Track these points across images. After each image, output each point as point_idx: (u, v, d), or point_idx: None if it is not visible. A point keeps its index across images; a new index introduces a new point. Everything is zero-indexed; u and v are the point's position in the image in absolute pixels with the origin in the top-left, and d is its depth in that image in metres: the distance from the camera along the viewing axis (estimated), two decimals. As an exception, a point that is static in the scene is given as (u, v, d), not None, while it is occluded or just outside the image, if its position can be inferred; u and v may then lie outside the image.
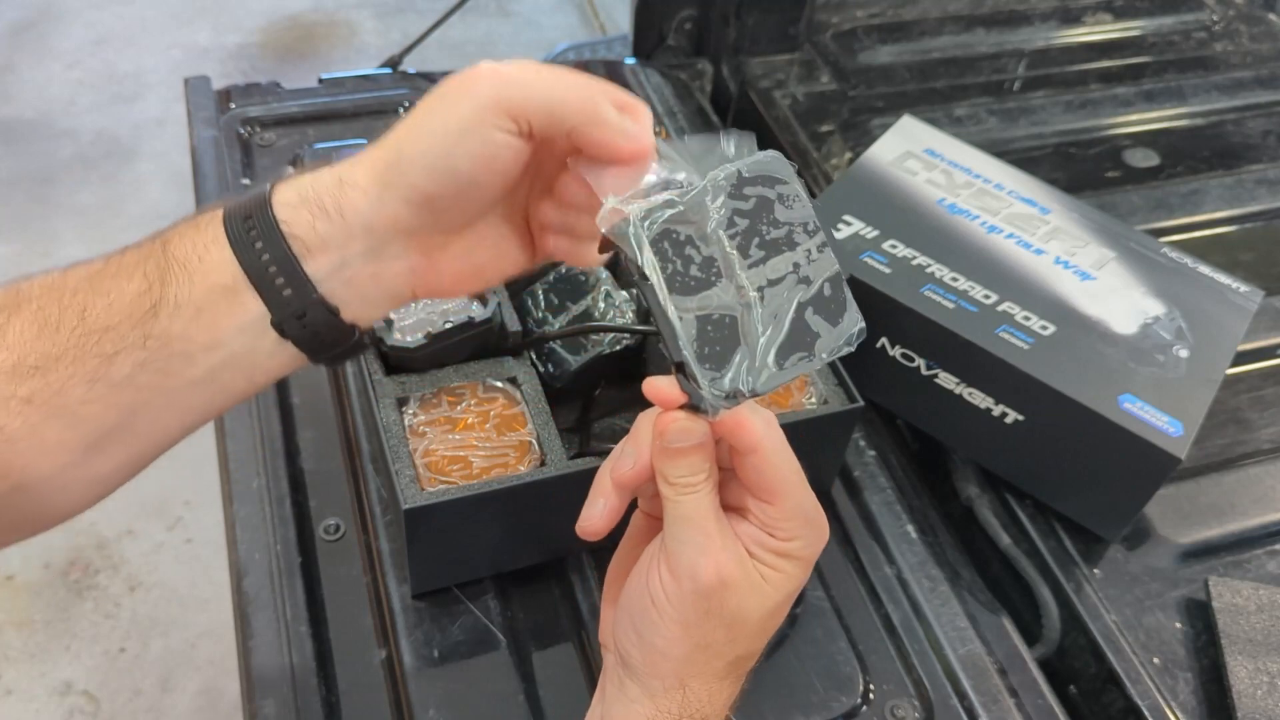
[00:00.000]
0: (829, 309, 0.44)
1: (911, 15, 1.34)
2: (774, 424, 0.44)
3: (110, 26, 2.77)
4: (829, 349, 0.43)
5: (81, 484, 0.46)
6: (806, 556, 0.45)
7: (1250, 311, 0.84)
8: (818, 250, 0.44)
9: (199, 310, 0.43)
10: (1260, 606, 0.73)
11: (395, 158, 0.44)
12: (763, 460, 0.43)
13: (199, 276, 0.43)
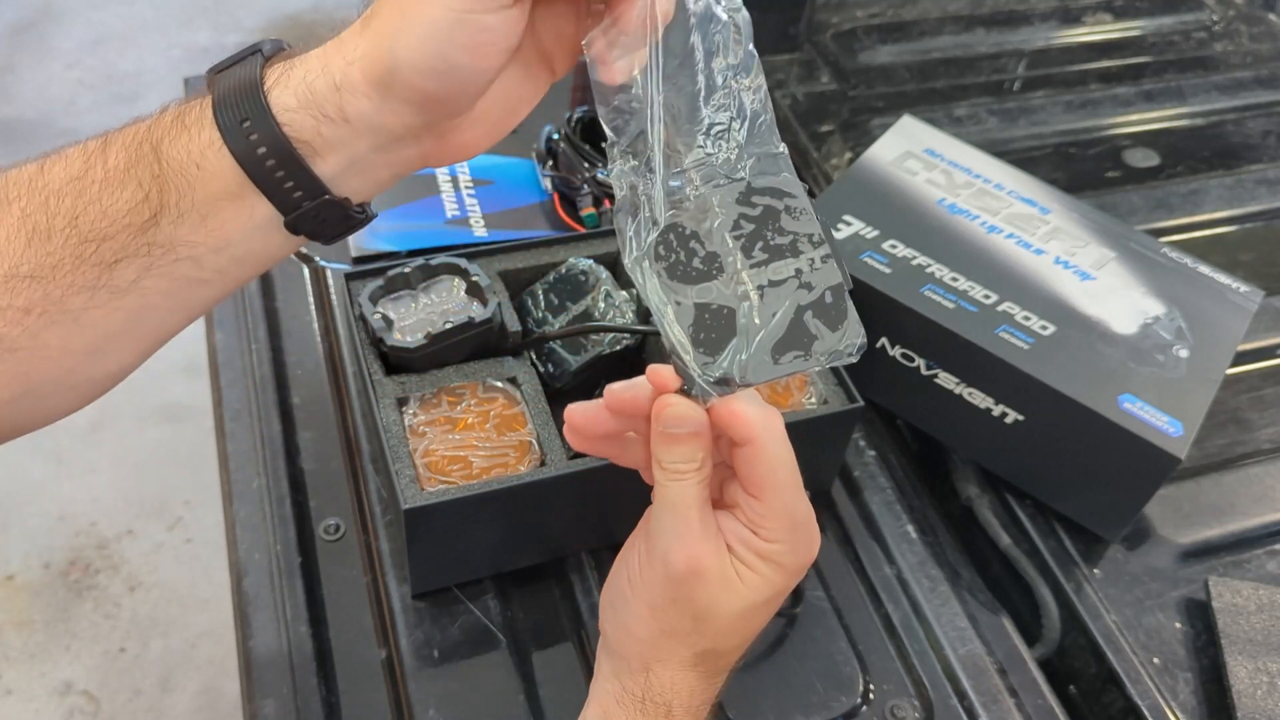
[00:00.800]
0: (829, 315, 0.44)
1: (911, 15, 1.34)
2: (775, 420, 0.44)
3: (110, 26, 2.77)
4: (826, 353, 0.44)
5: (88, 383, 0.45)
6: (788, 564, 0.44)
7: (1250, 311, 0.84)
8: (821, 260, 0.44)
9: (204, 217, 0.42)
10: (1260, 606, 0.73)
11: (391, 63, 0.41)
12: (755, 453, 0.43)
13: (200, 185, 0.42)
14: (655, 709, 0.45)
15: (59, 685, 1.59)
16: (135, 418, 1.90)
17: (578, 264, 0.78)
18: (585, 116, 0.98)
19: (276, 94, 0.42)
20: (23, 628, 1.65)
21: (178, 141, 0.42)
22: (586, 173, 0.93)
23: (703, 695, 0.46)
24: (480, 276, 0.74)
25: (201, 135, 0.42)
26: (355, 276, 0.76)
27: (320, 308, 0.89)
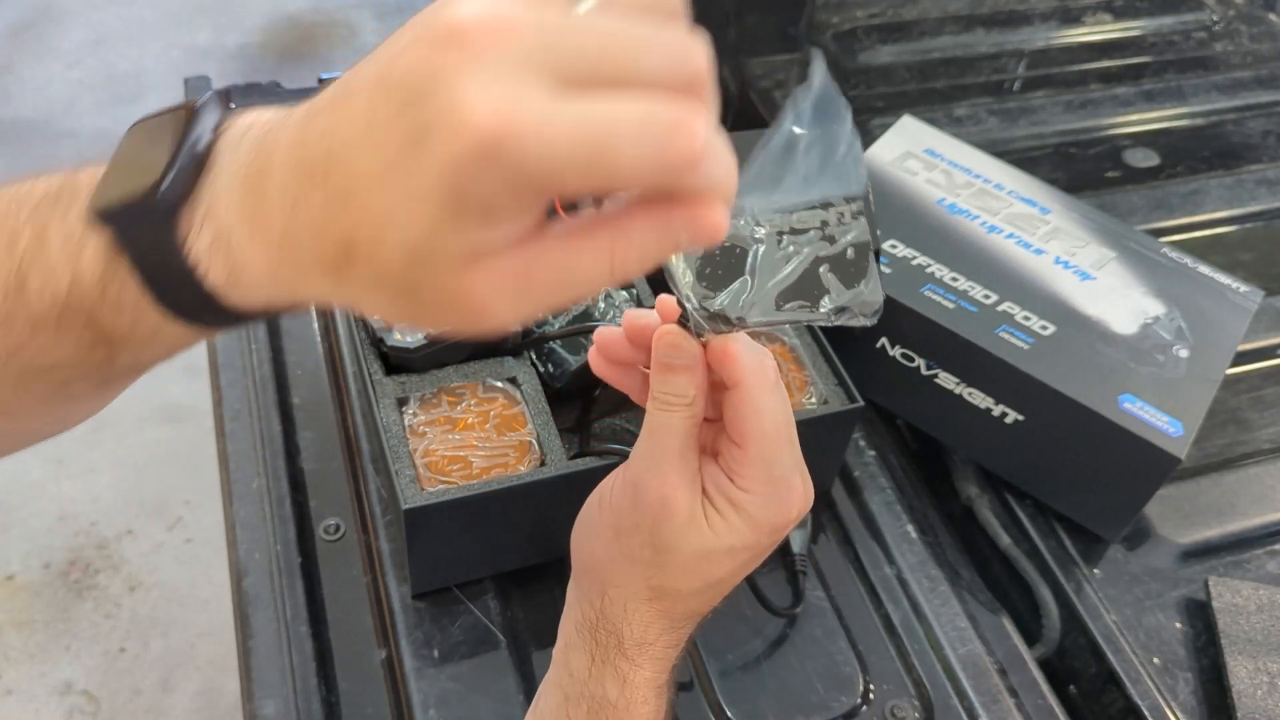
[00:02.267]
0: (847, 272, 0.42)
1: (911, 15, 1.34)
2: (767, 371, 0.43)
3: (110, 27, 2.77)
4: (834, 308, 0.42)
5: None
6: (759, 518, 0.43)
7: (1250, 311, 0.84)
8: (851, 216, 0.43)
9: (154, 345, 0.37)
10: (1260, 606, 0.73)
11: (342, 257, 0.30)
12: (740, 398, 0.42)
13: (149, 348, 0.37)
14: (606, 637, 0.45)
15: (59, 685, 1.59)
16: (135, 418, 1.90)
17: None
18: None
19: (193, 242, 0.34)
20: (23, 628, 1.65)
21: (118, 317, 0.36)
22: (586, 173, 0.92)
23: (657, 634, 0.45)
24: (480, 276, 0.74)
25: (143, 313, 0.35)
26: (355, 276, 0.76)
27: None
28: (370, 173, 0.28)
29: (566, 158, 0.27)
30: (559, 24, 0.28)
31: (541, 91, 0.27)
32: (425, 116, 0.27)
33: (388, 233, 0.28)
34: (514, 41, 0.27)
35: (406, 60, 0.28)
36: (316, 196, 0.29)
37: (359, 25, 2.81)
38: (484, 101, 0.26)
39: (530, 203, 0.29)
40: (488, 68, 0.27)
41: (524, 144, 0.26)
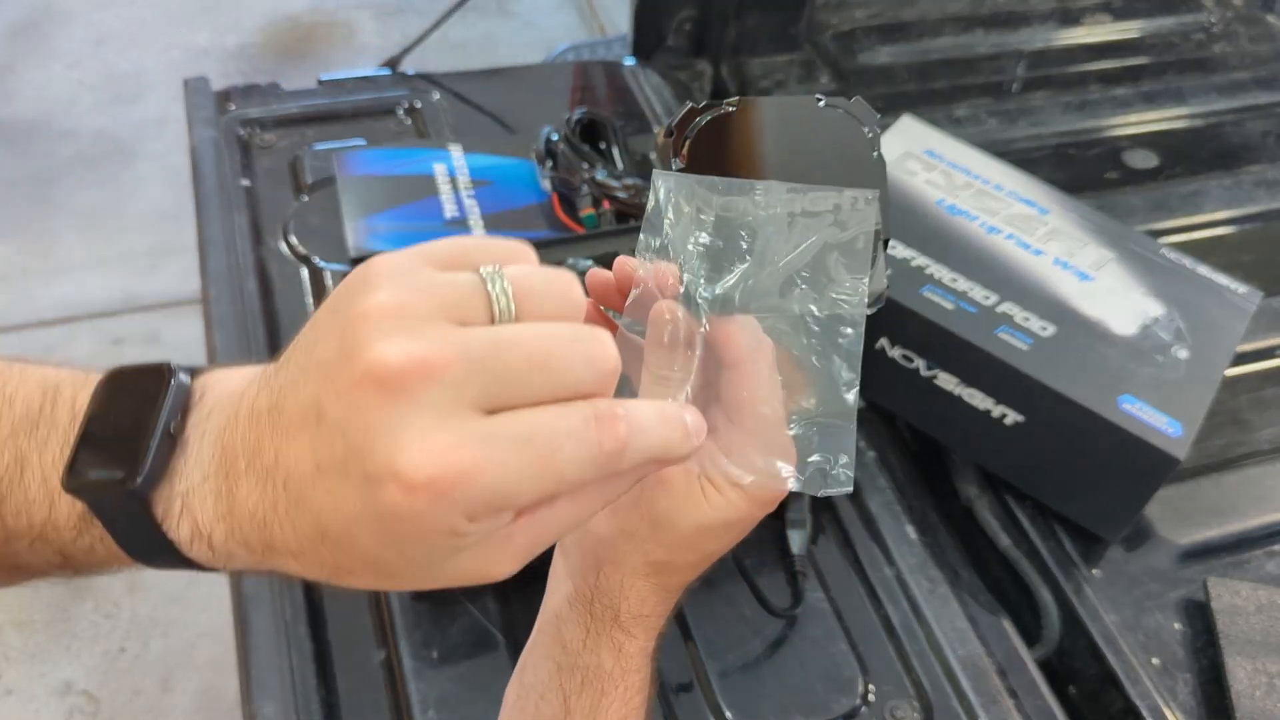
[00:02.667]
0: (855, 260, 0.41)
1: (911, 15, 1.34)
2: (765, 350, 0.43)
3: (110, 27, 2.77)
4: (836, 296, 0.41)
5: None
6: (753, 493, 0.43)
7: (1249, 312, 0.84)
8: (865, 203, 0.42)
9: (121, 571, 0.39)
10: (1259, 607, 0.73)
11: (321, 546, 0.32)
12: (738, 378, 0.42)
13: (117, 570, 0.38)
14: (603, 611, 0.45)
15: (59, 685, 1.59)
16: (135, 418, 1.90)
17: (577, 264, 0.78)
18: (585, 117, 0.98)
19: (172, 530, 0.35)
20: (23, 628, 1.65)
21: (90, 557, 0.37)
22: (586, 173, 0.93)
23: (652, 606, 0.46)
24: (480, 277, 0.74)
25: (115, 558, 0.37)
26: (355, 277, 0.76)
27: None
28: (336, 513, 0.31)
29: (515, 481, 0.30)
30: (482, 349, 0.31)
31: (476, 423, 0.30)
32: (373, 469, 0.30)
33: (364, 563, 0.32)
34: (442, 377, 0.30)
35: (341, 405, 0.30)
36: (285, 512, 0.32)
37: (359, 25, 2.81)
38: (423, 454, 0.29)
39: (496, 516, 0.32)
40: (421, 412, 0.30)
41: (470, 481, 0.30)
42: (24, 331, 2.02)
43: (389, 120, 1.10)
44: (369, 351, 0.30)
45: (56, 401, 0.37)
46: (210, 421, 0.35)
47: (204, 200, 0.99)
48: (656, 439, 0.34)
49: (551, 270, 0.35)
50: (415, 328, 0.31)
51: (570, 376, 0.32)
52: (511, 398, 0.31)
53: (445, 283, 0.33)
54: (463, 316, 0.32)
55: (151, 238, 2.21)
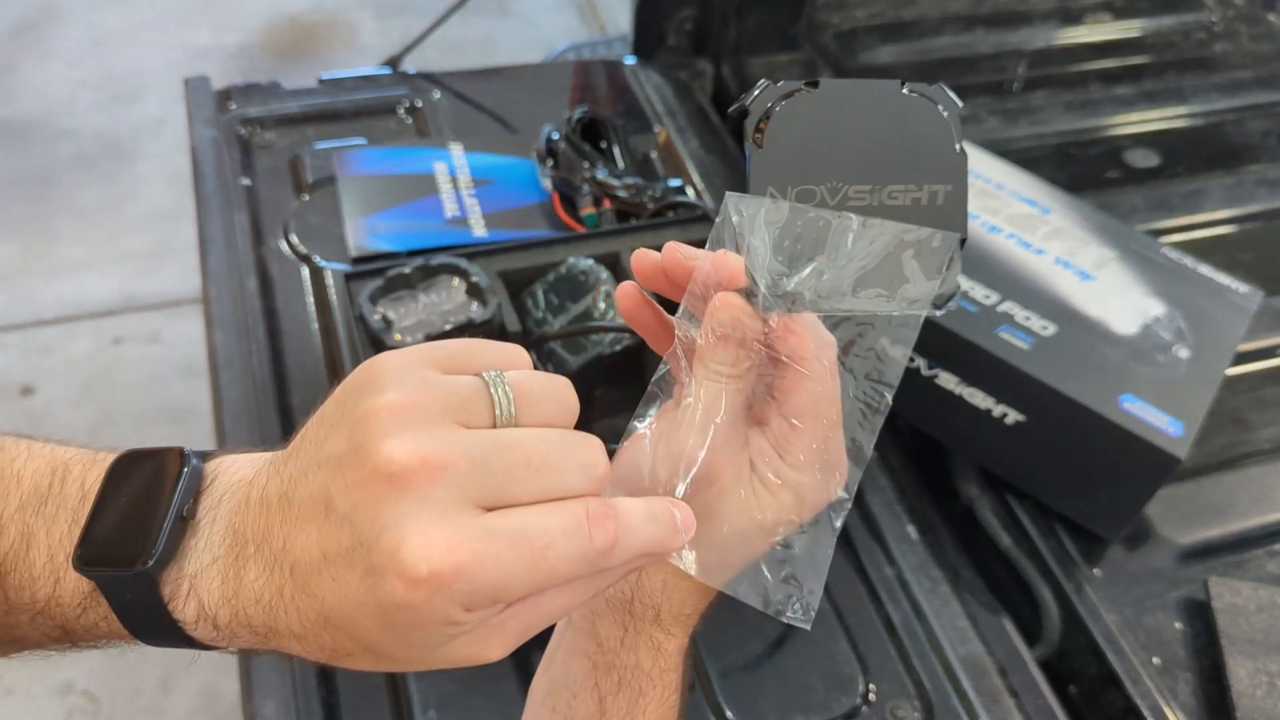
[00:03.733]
0: (930, 261, 0.39)
1: (911, 15, 1.34)
2: (829, 352, 0.42)
3: (110, 26, 2.77)
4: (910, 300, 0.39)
5: None
6: (805, 495, 0.42)
7: (1250, 312, 0.83)
8: (944, 198, 0.40)
9: None
10: (1260, 606, 0.73)
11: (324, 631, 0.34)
12: (800, 380, 0.41)
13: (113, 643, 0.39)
14: (643, 610, 0.45)
15: (59, 685, 1.59)
16: (135, 418, 1.90)
17: (578, 264, 0.78)
18: (585, 116, 0.98)
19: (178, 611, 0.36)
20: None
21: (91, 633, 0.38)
22: (586, 172, 0.92)
23: (693, 605, 0.45)
24: (480, 277, 0.74)
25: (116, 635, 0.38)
26: (355, 277, 0.76)
27: (320, 308, 0.89)
28: (341, 601, 0.33)
29: (509, 574, 0.32)
30: (484, 451, 0.33)
31: (475, 520, 0.32)
32: (378, 561, 0.32)
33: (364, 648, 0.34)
34: (446, 476, 0.32)
35: (350, 498, 0.32)
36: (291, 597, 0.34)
37: (359, 25, 2.81)
38: (425, 548, 0.31)
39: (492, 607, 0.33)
40: (426, 508, 0.32)
41: (468, 575, 0.31)
42: (24, 331, 2.02)
43: (389, 119, 1.10)
44: (379, 448, 0.32)
45: (66, 479, 0.38)
46: (222, 506, 0.36)
47: (204, 199, 0.99)
48: (646, 536, 0.36)
49: (548, 376, 0.38)
50: (423, 427, 0.33)
51: (564, 480, 0.34)
52: (509, 497, 0.33)
53: (450, 385, 0.35)
54: (467, 418, 0.34)
55: (151, 237, 2.21)
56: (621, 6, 2.81)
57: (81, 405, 1.91)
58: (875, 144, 0.40)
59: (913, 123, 0.41)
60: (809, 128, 0.40)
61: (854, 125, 0.40)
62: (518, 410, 0.35)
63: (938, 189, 0.40)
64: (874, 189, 0.40)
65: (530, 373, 0.37)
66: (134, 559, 0.35)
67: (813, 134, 0.40)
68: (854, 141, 0.40)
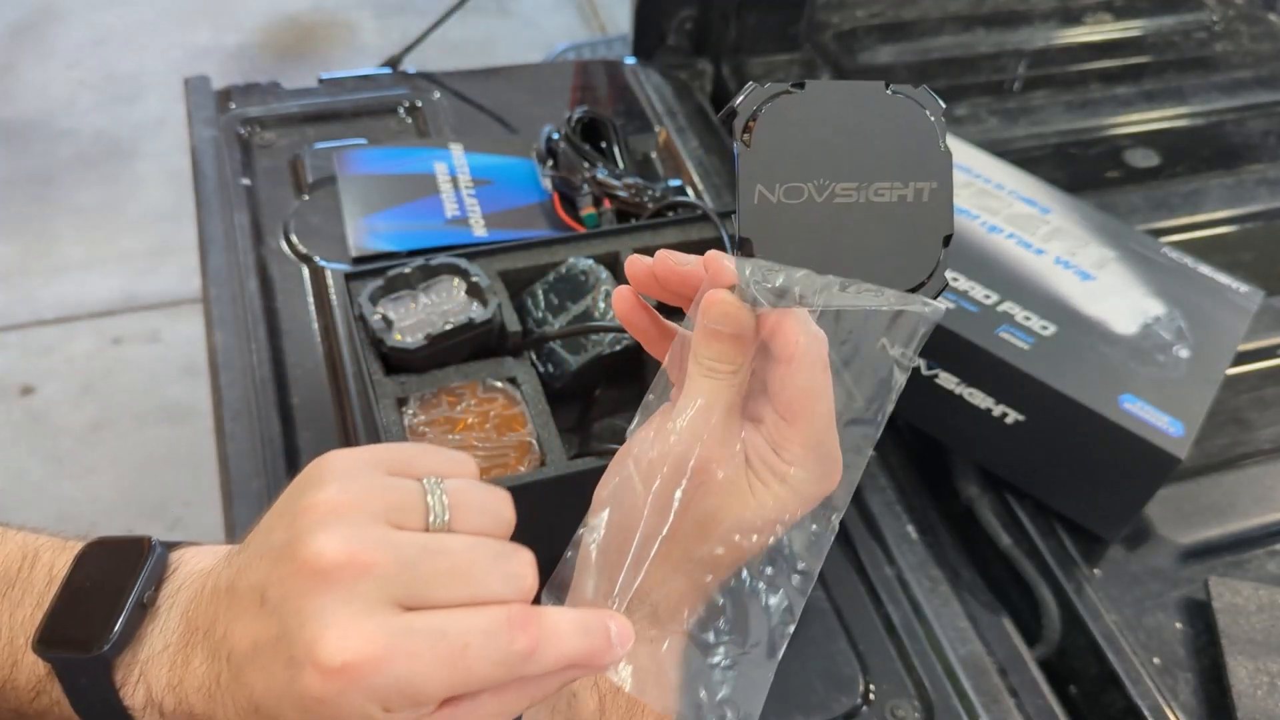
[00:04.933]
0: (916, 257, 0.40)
1: (911, 15, 1.34)
2: (820, 346, 0.42)
3: (110, 26, 2.77)
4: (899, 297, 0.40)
5: None
6: (802, 490, 0.43)
7: (1250, 312, 0.83)
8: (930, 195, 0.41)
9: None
10: (1260, 606, 0.73)
11: None
12: (792, 374, 0.41)
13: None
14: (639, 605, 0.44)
15: None
16: (135, 418, 1.90)
17: (578, 264, 0.78)
18: (585, 116, 0.98)
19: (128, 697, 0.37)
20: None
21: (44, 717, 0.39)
22: (586, 173, 0.92)
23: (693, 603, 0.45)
24: (480, 277, 0.74)
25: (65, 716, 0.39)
26: (355, 277, 0.76)
27: (320, 308, 0.89)
28: (267, 691, 0.34)
29: (424, 672, 0.33)
30: (412, 553, 0.34)
31: (396, 618, 0.33)
32: (297, 653, 0.33)
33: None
34: (372, 574, 0.33)
35: (280, 589, 0.34)
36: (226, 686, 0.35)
37: (359, 25, 2.81)
38: (340, 640, 0.32)
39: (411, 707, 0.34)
40: (349, 604, 0.33)
41: (380, 670, 0.32)
42: (24, 331, 2.02)
43: (390, 119, 1.10)
44: (311, 543, 0.33)
45: (35, 565, 0.39)
46: (180, 595, 0.38)
47: (204, 199, 0.99)
48: (574, 647, 0.36)
49: (488, 488, 0.39)
50: (356, 525, 0.34)
51: (489, 587, 0.35)
52: (433, 599, 0.34)
53: (389, 486, 0.36)
54: (400, 520, 0.35)
55: (151, 237, 2.21)
56: (621, 6, 2.81)
57: (81, 405, 1.91)
58: (861, 143, 0.41)
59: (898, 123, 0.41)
60: (795, 128, 0.41)
61: (840, 125, 0.41)
62: (452, 517, 0.37)
63: (923, 186, 0.41)
64: (860, 186, 0.40)
65: (471, 483, 0.39)
66: (91, 643, 0.36)
67: (799, 134, 0.41)
68: (840, 141, 0.41)
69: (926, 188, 0.41)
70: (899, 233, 0.41)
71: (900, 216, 0.41)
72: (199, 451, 1.84)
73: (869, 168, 0.41)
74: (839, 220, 0.40)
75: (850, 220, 0.40)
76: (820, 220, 0.40)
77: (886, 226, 0.41)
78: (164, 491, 1.81)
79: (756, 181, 0.40)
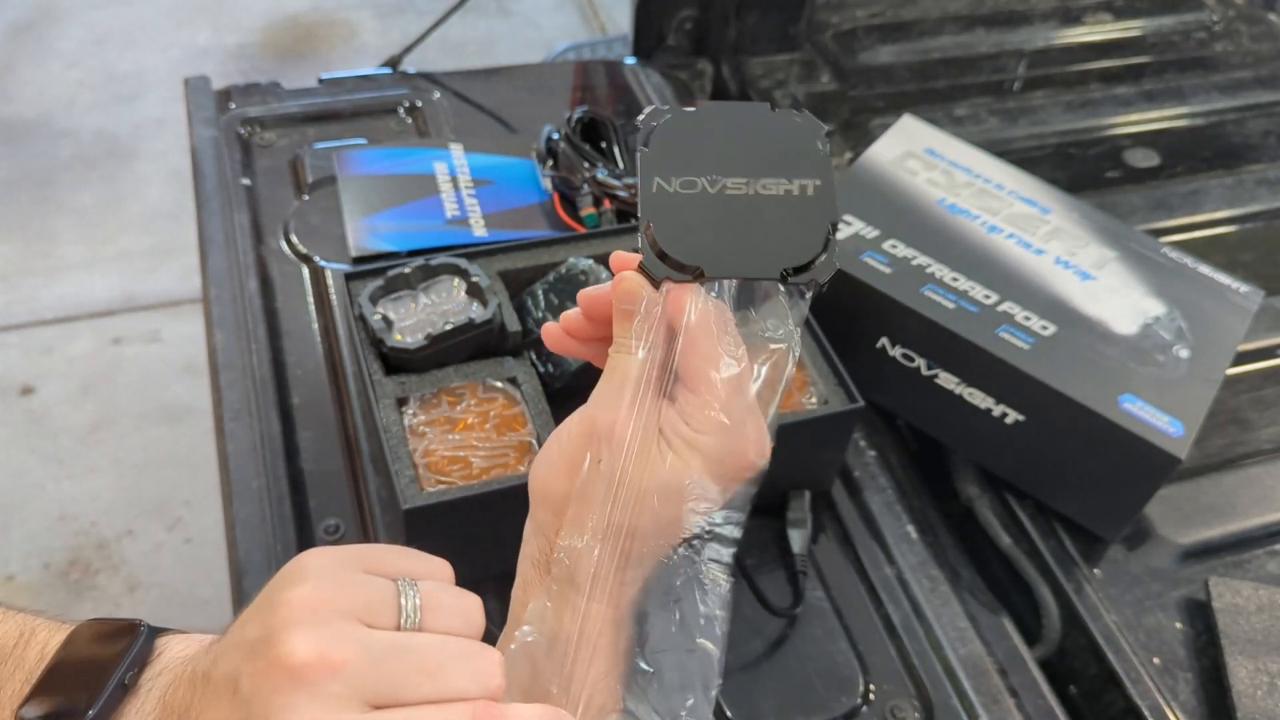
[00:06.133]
0: (806, 240, 0.44)
1: (911, 15, 1.34)
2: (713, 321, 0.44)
3: (110, 26, 2.77)
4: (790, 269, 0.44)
5: None
6: (713, 456, 0.44)
7: (1250, 311, 0.83)
8: (814, 190, 0.45)
9: None
10: (1260, 606, 0.73)
11: None
12: (689, 344, 0.44)
13: None
14: (561, 570, 0.46)
15: None
16: (135, 418, 1.90)
17: (578, 264, 0.78)
18: (585, 116, 0.98)
19: None
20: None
21: None
22: (586, 173, 0.92)
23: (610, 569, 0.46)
24: (480, 276, 0.74)
25: None
26: (355, 277, 0.76)
27: (320, 308, 0.89)
28: None
29: None
30: (381, 652, 0.36)
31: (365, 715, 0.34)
32: None
33: None
34: (342, 672, 0.34)
35: (252, 683, 0.35)
36: None
37: (359, 25, 2.81)
38: None
39: None
40: (316, 702, 0.34)
41: None
42: (24, 331, 2.02)
43: (390, 119, 1.10)
44: (284, 640, 0.35)
45: (29, 643, 0.41)
46: (160, 678, 0.39)
47: (204, 199, 0.99)
48: None
49: (460, 592, 0.41)
50: (328, 623, 0.36)
51: (455, 686, 0.36)
52: (400, 698, 0.35)
53: (364, 585, 0.38)
54: (372, 619, 0.37)
55: (151, 238, 2.21)
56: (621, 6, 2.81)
57: (81, 405, 1.91)
58: (750, 148, 0.46)
59: (782, 134, 0.47)
60: (691, 136, 0.46)
61: (730, 134, 0.46)
62: (423, 618, 0.38)
63: (807, 183, 0.45)
64: (749, 181, 0.45)
65: (444, 585, 0.41)
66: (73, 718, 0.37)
67: (694, 140, 0.46)
68: (730, 146, 0.46)
69: (810, 184, 0.45)
70: (788, 218, 0.45)
71: (787, 206, 0.45)
72: (199, 451, 1.84)
73: (756, 167, 0.45)
74: (731, 207, 0.45)
75: (741, 208, 0.45)
76: (713, 207, 0.45)
77: (775, 213, 0.45)
78: (164, 491, 1.81)
79: (654, 175, 0.45)
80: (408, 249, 0.90)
